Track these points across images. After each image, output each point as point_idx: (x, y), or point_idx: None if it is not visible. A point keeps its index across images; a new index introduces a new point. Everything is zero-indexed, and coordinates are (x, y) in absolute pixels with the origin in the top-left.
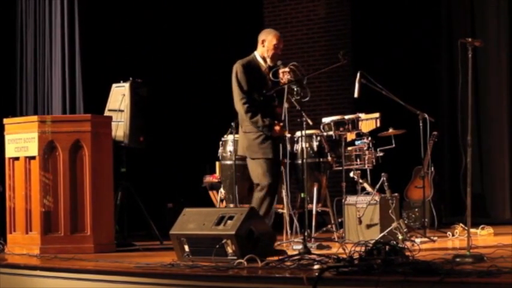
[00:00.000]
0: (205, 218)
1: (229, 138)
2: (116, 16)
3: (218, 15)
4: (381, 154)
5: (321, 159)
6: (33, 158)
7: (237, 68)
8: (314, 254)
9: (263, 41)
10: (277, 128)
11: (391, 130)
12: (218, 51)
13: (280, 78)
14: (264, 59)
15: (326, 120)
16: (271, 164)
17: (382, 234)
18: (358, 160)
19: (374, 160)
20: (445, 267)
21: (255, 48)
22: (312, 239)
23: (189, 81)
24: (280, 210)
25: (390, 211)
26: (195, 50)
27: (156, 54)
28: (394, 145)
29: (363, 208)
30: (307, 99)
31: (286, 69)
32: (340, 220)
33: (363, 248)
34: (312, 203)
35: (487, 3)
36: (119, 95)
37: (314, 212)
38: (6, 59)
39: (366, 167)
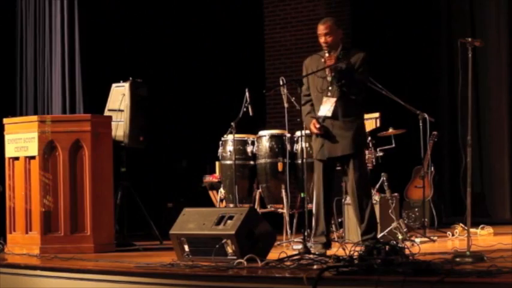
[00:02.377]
0: (205, 217)
1: (229, 138)
2: (116, 16)
3: (218, 15)
4: (381, 154)
5: None
6: (33, 157)
7: None
8: (314, 253)
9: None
10: (311, 126)
11: (391, 130)
12: (218, 51)
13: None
14: None
15: None
16: (319, 166)
17: (382, 234)
18: None
19: (374, 160)
20: (445, 267)
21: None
22: (312, 239)
23: (189, 81)
24: (280, 210)
25: (390, 211)
26: (195, 49)
27: (156, 54)
28: (394, 145)
29: None
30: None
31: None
32: (340, 220)
33: (363, 248)
34: (311, 202)
35: (487, 3)
36: (119, 95)
37: (314, 212)
38: (6, 59)
39: None
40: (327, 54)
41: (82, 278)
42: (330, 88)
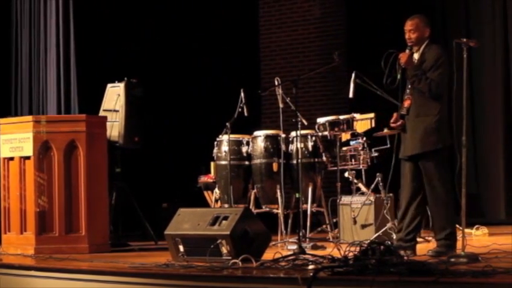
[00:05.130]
0: (200, 218)
1: (224, 138)
2: (111, 16)
3: (213, 15)
4: (376, 154)
5: (316, 160)
6: (28, 158)
7: None
8: (309, 254)
9: None
10: (391, 122)
11: (386, 130)
12: (213, 52)
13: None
14: None
15: (321, 120)
16: (402, 164)
17: (376, 234)
18: (353, 160)
19: (369, 160)
20: (439, 267)
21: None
22: (307, 239)
23: (184, 81)
24: (275, 211)
25: (385, 211)
26: (190, 50)
27: (151, 55)
28: (389, 145)
29: (357, 208)
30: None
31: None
32: (334, 220)
33: (358, 248)
34: (306, 203)
35: (482, 4)
36: (114, 95)
37: (309, 212)
38: (2, 59)
39: (361, 167)
40: (407, 51)
41: (77, 278)
42: (409, 87)
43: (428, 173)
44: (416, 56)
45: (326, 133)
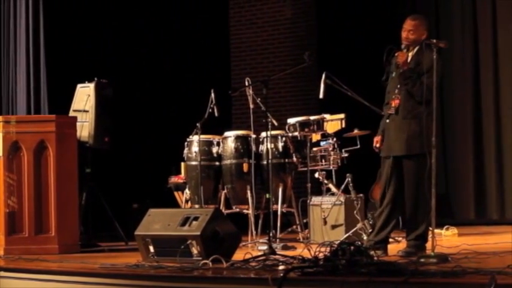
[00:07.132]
0: (170, 218)
1: (195, 138)
2: (81, 16)
3: (184, 16)
4: (346, 155)
5: (286, 160)
6: None
7: None
8: (279, 254)
9: None
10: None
11: (356, 131)
12: (184, 52)
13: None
14: None
15: (291, 120)
16: (382, 163)
17: (347, 234)
18: (323, 161)
19: (339, 161)
20: (409, 267)
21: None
22: (277, 240)
23: (154, 82)
24: (245, 211)
25: (355, 212)
26: (160, 50)
27: (121, 55)
28: (359, 146)
29: (328, 209)
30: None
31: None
32: (305, 221)
33: (328, 249)
34: (277, 203)
35: (452, 5)
36: (84, 96)
37: (279, 213)
38: None
39: (331, 167)
40: (404, 50)
41: (46, 279)
42: (398, 87)
43: (409, 174)
44: (409, 55)
45: (296, 134)
